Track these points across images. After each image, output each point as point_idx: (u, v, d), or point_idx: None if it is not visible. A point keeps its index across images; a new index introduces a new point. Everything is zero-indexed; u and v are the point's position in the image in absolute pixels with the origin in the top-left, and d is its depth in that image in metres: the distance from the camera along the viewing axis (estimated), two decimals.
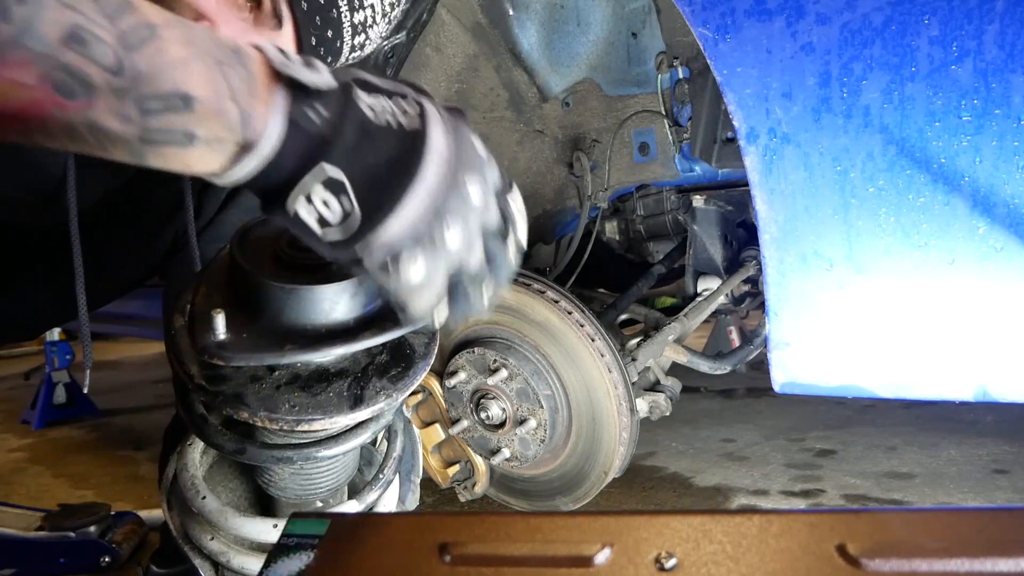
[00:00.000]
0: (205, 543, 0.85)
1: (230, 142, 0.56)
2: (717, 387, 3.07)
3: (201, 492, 0.84)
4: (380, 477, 0.89)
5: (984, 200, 1.04)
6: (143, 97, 0.52)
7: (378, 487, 0.88)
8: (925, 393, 1.16)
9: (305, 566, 0.61)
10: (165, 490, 0.92)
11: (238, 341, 0.69)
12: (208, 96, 0.54)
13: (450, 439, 1.65)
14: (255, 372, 0.72)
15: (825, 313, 1.19)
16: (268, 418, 0.71)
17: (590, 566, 0.56)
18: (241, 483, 0.95)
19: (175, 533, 0.89)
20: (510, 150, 2.05)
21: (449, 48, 1.79)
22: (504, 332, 1.56)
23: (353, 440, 0.80)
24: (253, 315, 0.70)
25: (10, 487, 2.34)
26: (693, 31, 1.17)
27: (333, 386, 0.73)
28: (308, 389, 0.73)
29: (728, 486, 1.93)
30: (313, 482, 0.85)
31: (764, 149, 1.16)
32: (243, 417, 0.71)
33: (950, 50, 1.02)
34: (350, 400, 0.73)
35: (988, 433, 2.19)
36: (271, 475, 0.85)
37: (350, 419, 0.74)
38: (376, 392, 0.74)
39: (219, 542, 0.84)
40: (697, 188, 1.91)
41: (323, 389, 0.73)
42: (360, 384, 0.74)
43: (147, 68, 0.52)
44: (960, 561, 0.50)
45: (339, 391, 0.73)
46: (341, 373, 0.75)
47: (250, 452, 0.79)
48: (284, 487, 0.85)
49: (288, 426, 0.71)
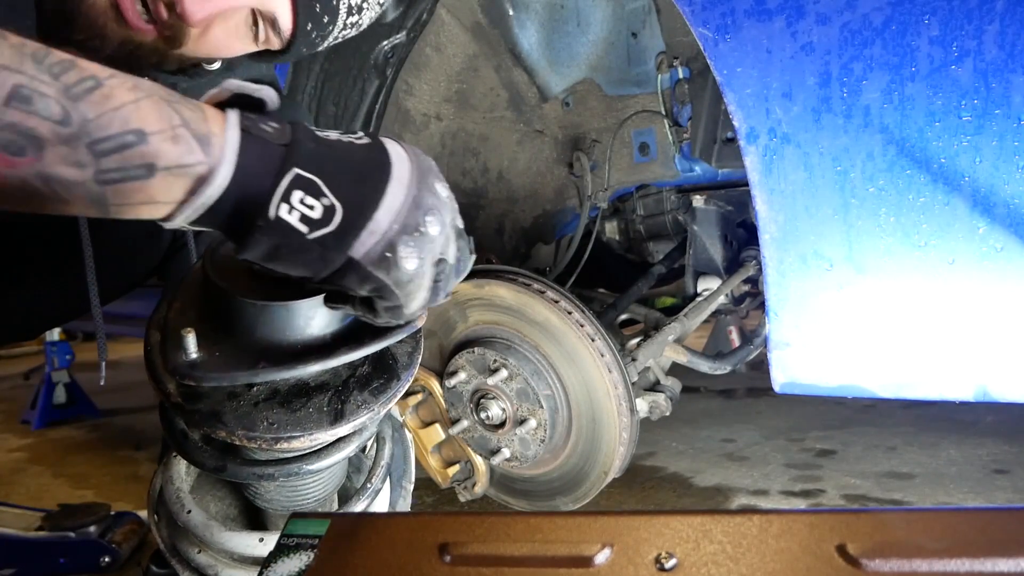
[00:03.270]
0: (193, 556, 0.84)
1: (192, 167, 0.56)
2: (717, 387, 3.07)
3: (187, 506, 0.82)
4: (368, 487, 0.87)
5: (984, 200, 1.04)
6: (94, 140, 0.53)
7: (365, 497, 0.86)
8: (925, 393, 1.16)
9: (305, 566, 0.61)
10: (152, 503, 0.90)
11: (211, 360, 0.67)
12: (161, 127, 0.55)
13: (450, 439, 1.65)
14: (232, 389, 0.70)
15: (825, 313, 1.19)
16: (246, 436, 0.69)
17: (590, 566, 0.56)
18: (230, 492, 0.94)
19: (163, 546, 0.87)
20: (510, 150, 2.05)
21: (449, 48, 1.79)
22: (504, 332, 1.56)
23: (336, 455, 0.78)
24: (227, 331, 0.69)
25: (10, 487, 2.34)
26: (693, 31, 1.17)
27: (313, 401, 0.71)
28: (287, 405, 0.71)
29: (728, 486, 1.93)
30: (300, 494, 0.83)
31: (764, 149, 1.16)
32: (220, 436, 0.70)
33: (950, 50, 1.02)
34: (330, 416, 0.71)
35: (988, 433, 2.19)
36: (256, 488, 0.84)
37: (330, 435, 0.72)
38: (357, 406, 0.72)
39: (207, 555, 0.83)
40: (697, 188, 1.91)
41: (302, 405, 0.71)
42: (341, 398, 0.72)
43: (95, 113, 0.53)
44: (960, 561, 0.50)
45: (319, 406, 0.71)
46: (321, 387, 0.72)
47: (231, 469, 0.77)
48: (271, 499, 0.84)
49: (267, 444, 0.70)
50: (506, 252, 2.15)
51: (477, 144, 2.00)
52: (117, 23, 0.86)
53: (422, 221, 0.62)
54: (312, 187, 0.59)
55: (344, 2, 0.92)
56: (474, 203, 2.05)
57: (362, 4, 0.94)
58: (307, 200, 0.58)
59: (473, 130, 1.97)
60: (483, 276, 1.54)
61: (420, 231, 0.62)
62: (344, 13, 0.93)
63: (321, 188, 0.59)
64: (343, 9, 0.92)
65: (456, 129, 1.94)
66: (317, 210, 0.59)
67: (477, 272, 1.54)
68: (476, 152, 2.01)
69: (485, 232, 2.11)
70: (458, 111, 1.91)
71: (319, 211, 0.59)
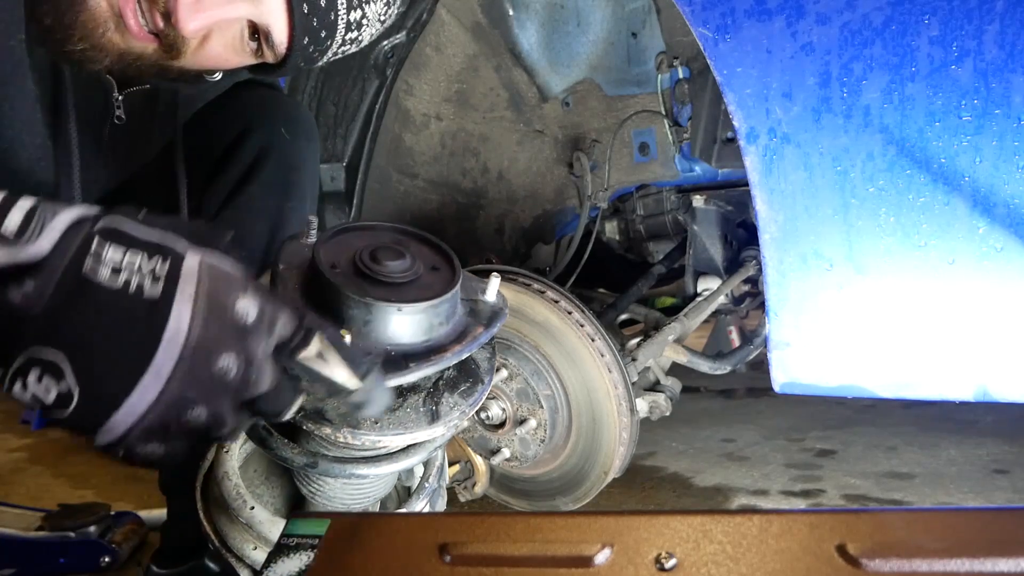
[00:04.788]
0: (248, 552, 0.84)
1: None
2: (717, 387, 3.06)
3: (249, 502, 0.83)
4: (425, 486, 0.90)
5: (984, 200, 1.04)
6: None
7: (424, 495, 0.89)
8: (925, 393, 1.16)
9: (305, 566, 0.61)
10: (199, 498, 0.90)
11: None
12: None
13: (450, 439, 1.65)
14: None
15: (825, 313, 1.19)
16: (351, 434, 0.70)
17: (590, 566, 0.56)
18: (267, 488, 0.95)
19: (212, 541, 0.87)
20: (510, 150, 2.05)
21: (449, 48, 1.79)
22: (504, 332, 1.56)
23: (421, 454, 0.80)
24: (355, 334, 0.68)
25: (10, 487, 2.34)
26: (693, 31, 1.17)
27: (409, 402, 0.74)
28: None
29: (728, 486, 1.93)
30: (364, 492, 0.85)
31: (764, 149, 1.16)
32: (325, 433, 0.71)
33: (950, 50, 1.02)
34: (428, 416, 0.74)
35: (988, 433, 2.19)
36: (320, 484, 0.84)
37: (428, 434, 0.74)
38: (451, 407, 0.75)
39: (262, 551, 0.83)
40: (697, 188, 1.91)
41: (399, 405, 0.73)
42: (434, 399, 0.75)
43: None
44: (960, 561, 0.50)
45: (415, 406, 0.74)
46: (414, 388, 0.75)
47: (322, 466, 0.78)
48: (332, 496, 0.85)
49: (371, 443, 0.72)
50: (506, 252, 2.15)
51: (477, 144, 2.00)
52: (117, 33, 0.85)
53: (177, 418, 0.54)
54: (53, 369, 0.52)
55: (343, 18, 0.91)
56: (474, 203, 2.06)
57: (361, 21, 0.93)
58: (45, 382, 0.52)
59: (473, 130, 1.97)
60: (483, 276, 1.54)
61: (170, 430, 0.54)
62: (343, 29, 0.92)
63: (63, 371, 0.52)
64: (341, 25, 0.91)
65: (456, 129, 1.94)
66: (51, 395, 0.52)
67: (477, 272, 1.54)
68: (476, 152, 2.01)
69: (485, 232, 2.11)
70: (458, 111, 1.91)
71: (52, 396, 0.52)
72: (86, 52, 0.85)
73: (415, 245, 0.77)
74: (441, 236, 0.80)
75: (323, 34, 0.91)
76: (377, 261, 0.70)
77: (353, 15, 0.92)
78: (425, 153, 1.91)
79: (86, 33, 0.84)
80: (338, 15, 0.90)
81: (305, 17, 0.88)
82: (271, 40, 0.90)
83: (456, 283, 0.73)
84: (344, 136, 1.70)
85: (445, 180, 1.97)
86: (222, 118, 1.21)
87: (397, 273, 0.70)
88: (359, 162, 1.72)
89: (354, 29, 0.94)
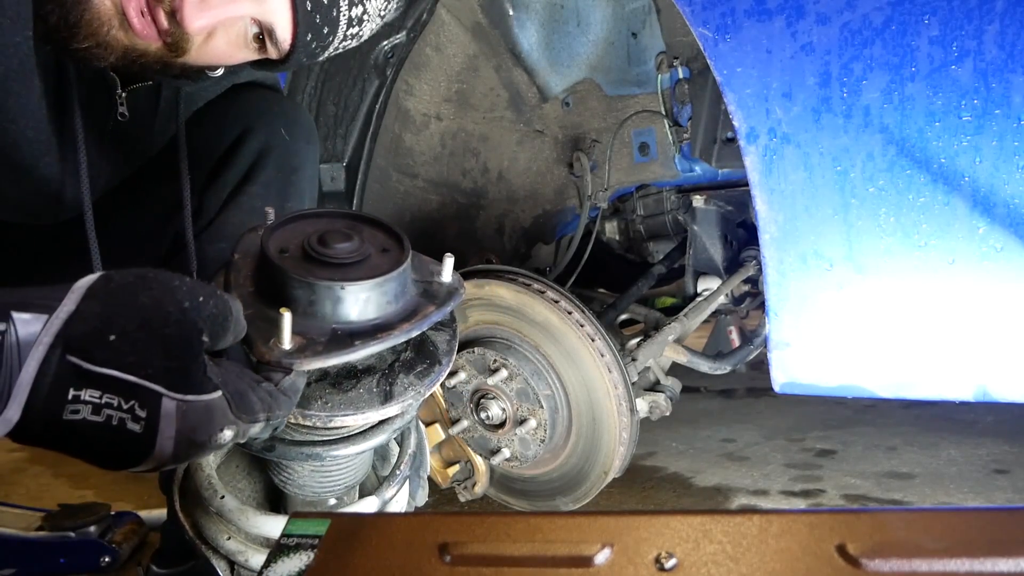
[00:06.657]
0: (222, 543, 0.85)
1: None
2: (717, 387, 3.06)
3: (219, 492, 0.83)
4: (396, 473, 0.90)
5: (984, 200, 1.04)
6: None
7: (395, 483, 0.89)
8: (925, 393, 1.16)
9: (305, 566, 0.61)
10: (176, 489, 0.91)
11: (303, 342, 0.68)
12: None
13: (450, 439, 1.65)
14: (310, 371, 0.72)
15: (825, 313, 1.19)
16: (302, 415, 0.72)
17: (590, 566, 0.56)
18: (249, 483, 0.95)
19: (189, 533, 0.88)
20: (510, 150, 2.05)
21: (449, 48, 1.79)
22: (504, 332, 1.56)
23: (379, 436, 0.81)
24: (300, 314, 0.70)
25: (10, 487, 2.34)
26: (693, 31, 1.17)
27: (363, 383, 0.75)
28: (338, 386, 0.74)
29: (728, 486, 1.93)
30: (332, 479, 0.85)
31: (764, 149, 1.16)
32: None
33: (950, 50, 1.02)
34: (380, 396, 0.74)
35: (988, 433, 2.19)
36: (289, 473, 0.85)
37: (380, 414, 0.75)
38: (405, 388, 0.76)
39: (236, 541, 0.84)
40: (697, 188, 1.91)
41: (353, 386, 0.74)
42: (388, 380, 0.76)
43: None
44: (960, 561, 0.50)
45: (369, 387, 0.75)
46: (369, 370, 0.76)
47: (279, 449, 0.79)
48: (302, 484, 0.85)
49: (321, 423, 0.73)
50: (506, 252, 2.15)
51: (477, 144, 2.00)
52: (121, 31, 0.86)
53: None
54: None
55: (344, 14, 0.92)
56: (474, 203, 2.06)
57: (362, 16, 0.94)
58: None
59: (473, 130, 1.97)
60: (483, 276, 1.54)
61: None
62: (344, 24, 0.93)
63: None
64: (343, 21, 0.92)
65: (456, 129, 1.94)
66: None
67: (477, 272, 1.55)
68: (476, 152, 2.01)
69: (485, 232, 2.11)
70: (458, 111, 1.91)
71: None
72: (91, 50, 0.86)
73: (368, 230, 0.78)
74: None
75: (325, 30, 0.91)
76: (325, 244, 0.72)
77: (355, 11, 0.93)
78: (425, 153, 1.91)
79: (91, 31, 0.85)
80: (340, 11, 0.91)
81: (308, 14, 0.89)
82: (275, 37, 0.90)
83: (403, 263, 0.74)
84: (344, 136, 1.70)
85: (445, 180, 1.97)
86: (223, 119, 1.22)
87: (344, 254, 0.72)
88: (359, 162, 1.72)
89: (355, 24, 0.95)
